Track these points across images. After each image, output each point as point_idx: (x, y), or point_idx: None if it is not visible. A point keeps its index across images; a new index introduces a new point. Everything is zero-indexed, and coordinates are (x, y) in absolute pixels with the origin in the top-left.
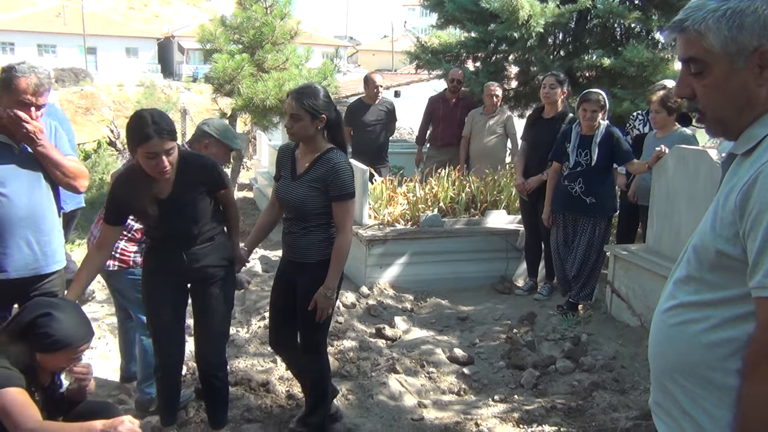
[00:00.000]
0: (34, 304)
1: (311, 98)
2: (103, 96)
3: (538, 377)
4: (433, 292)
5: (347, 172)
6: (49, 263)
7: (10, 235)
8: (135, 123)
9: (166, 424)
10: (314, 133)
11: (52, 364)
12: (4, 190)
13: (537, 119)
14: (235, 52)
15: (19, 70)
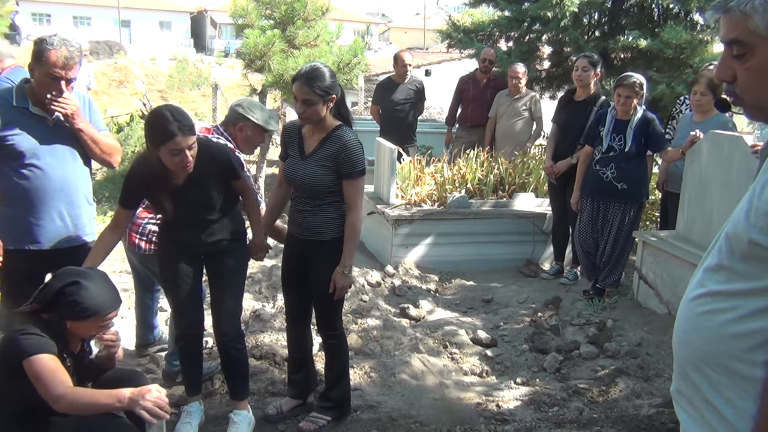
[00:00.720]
0: (63, 273)
1: (321, 80)
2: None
3: (562, 362)
4: (458, 274)
5: (358, 149)
6: (80, 236)
7: (43, 207)
8: (157, 121)
9: (191, 394)
10: (325, 114)
11: (81, 332)
12: (37, 162)
13: (569, 102)
14: (267, 28)
15: (50, 43)
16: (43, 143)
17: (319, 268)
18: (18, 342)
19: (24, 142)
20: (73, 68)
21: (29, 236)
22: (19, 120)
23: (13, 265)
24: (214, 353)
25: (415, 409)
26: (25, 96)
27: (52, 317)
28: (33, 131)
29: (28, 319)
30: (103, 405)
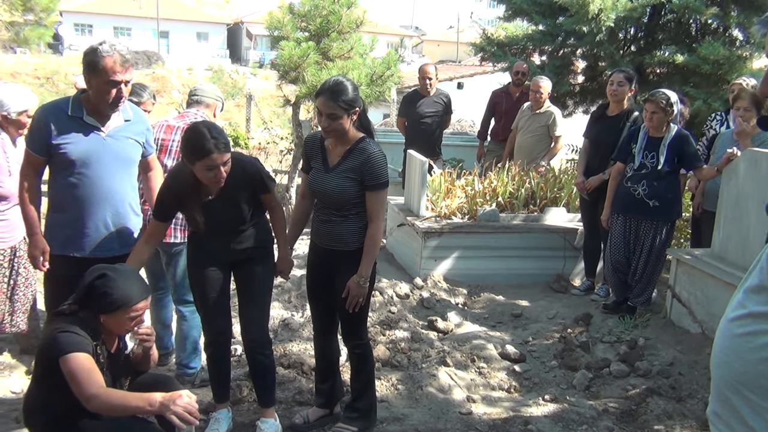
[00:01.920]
0: (92, 269)
1: (344, 94)
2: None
3: (591, 379)
4: (487, 287)
5: (382, 161)
6: (123, 245)
7: (89, 215)
8: (194, 138)
9: (219, 401)
10: (349, 127)
11: (114, 326)
12: (87, 171)
13: (601, 116)
14: (302, 40)
15: (103, 51)
16: (93, 153)
17: (344, 278)
18: (55, 340)
19: (75, 151)
20: (129, 69)
21: (74, 243)
22: (72, 129)
23: (58, 270)
24: (243, 361)
25: (442, 423)
26: (80, 106)
27: (86, 314)
28: (85, 141)
29: (67, 318)
30: (134, 407)
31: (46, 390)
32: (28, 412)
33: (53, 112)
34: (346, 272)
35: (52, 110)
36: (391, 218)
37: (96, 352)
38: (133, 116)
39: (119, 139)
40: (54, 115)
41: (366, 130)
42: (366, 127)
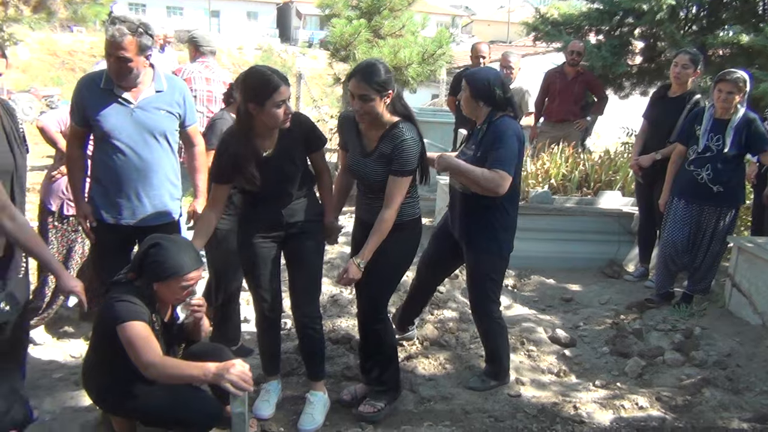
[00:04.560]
0: (147, 238)
1: (377, 75)
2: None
3: (644, 367)
4: (537, 270)
5: (412, 149)
6: (162, 215)
7: (122, 185)
8: (259, 77)
9: (269, 374)
10: (382, 110)
11: (167, 295)
12: (117, 142)
13: (662, 97)
14: (353, 18)
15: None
16: (122, 124)
17: (383, 252)
18: (113, 308)
19: (106, 123)
20: (120, 47)
21: (112, 211)
22: (103, 101)
23: (98, 236)
24: (292, 335)
25: (490, 404)
26: (111, 78)
27: (142, 283)
28: (114, 112)
29: (123, 287)
30: (189, 375)
31: (103, 356)
32: (87, 376)
33: (87, 84)
34: (390, 248)
35: (87, 83)
36: (440, 198)
37: (151, 320)
38: (167, 87)
39: (149, 110)
40: (88, 88)
41: (402, 115)
42: (401, 113)
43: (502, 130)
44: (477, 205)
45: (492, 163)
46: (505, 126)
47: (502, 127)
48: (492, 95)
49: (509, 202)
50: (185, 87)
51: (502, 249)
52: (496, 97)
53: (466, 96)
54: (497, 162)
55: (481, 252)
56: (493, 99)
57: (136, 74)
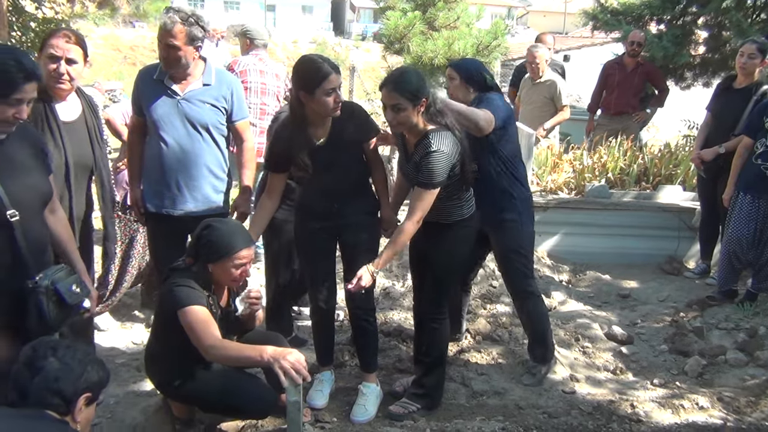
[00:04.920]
0: (202, 222)
1: (409, 84)
2: (278, 52)
3: (705, 366)
4: (593, 266)
5: (440, 162)
6: (206, 205)
7: (162, 174)
8: (310, 65)
9: (322, 364)
10: (417, 119)
11: (222, 276)
12: (162, 132)
13: (727, 89)
14: (408, 10)
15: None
16: (167, 114)
17: (439, 251)
18: (172, 294)
19: (154, 113)
20: (171, 35)
21: (155, 200)
22: (154, 91)
23: (150, 226)
24: (345, 326)
25: (543, 400)
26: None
27: (198, 267)
28: (161, 103)
29: (183, 272)
30: (247, 357)
31: (165, 342)
32: (149, 362)
33: (143, 76)
34: (441, 245)
35: (143, 74)
36: None
37: (209, 303)
38: (215, 81)
39: (194, 103)
40: (142, 79)
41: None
42: (438, 120)
43: (488, 96)
44: (491, 186)
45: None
46: (491, 96)
47: (488, 95)
48: (483, 80)
49: (518, 173)
50: (235, 83)
51: (522, 219)
52: (486, 81)
53: (456, 84)
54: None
55: (504, 226)
56: (483, 84)
57: (185, 64)
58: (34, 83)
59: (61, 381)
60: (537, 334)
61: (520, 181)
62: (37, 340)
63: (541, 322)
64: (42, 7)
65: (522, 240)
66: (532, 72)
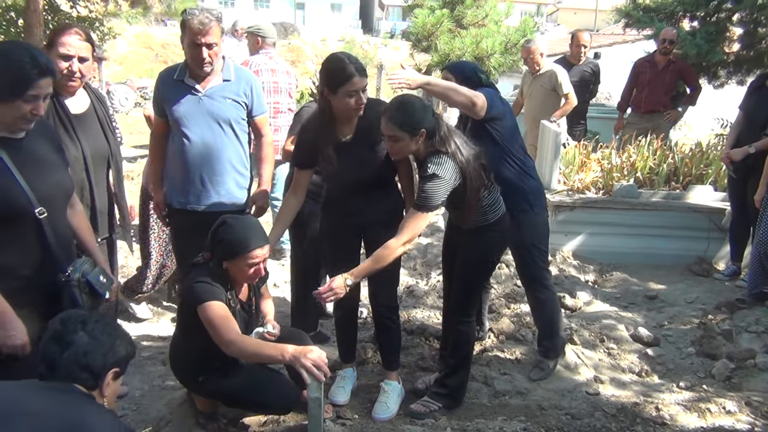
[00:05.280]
0: (219, 219)
1: (405, 116)
2: (307, 50)
3: (733, 370)
4: (620, 266)
5: (438, 187)
6: (228, 201)
7: (186, 171)
8: (335, 64)
9: (345, 361)
10: (416, 148)
11: (237, 273)
12: (186, 130)
13: (760, 87)
14: (436, 8)
15: (190, 13)
16: (190, 112)
17: (463, 254)
18: (192, 290)
19: (177, 111)
20: (209, 33)
21: (180, 196)
22: (175, 91)
23: (174, 222)
24: (368, 324)
25: (567, 401)
26: (185, 69)
27: (215, 263)
28: (183, 101)
29: (201, 268)
30: (267, 355)
31: (188, 336)
32: (173, 356)
33: (163, 77)
34: (467, 250)
35: (164, 75)
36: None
37: (227, 298)
38: (235, 76)
39: (216, 99)
40: (163, 80)
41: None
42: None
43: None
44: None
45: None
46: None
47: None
48: (479, 80)
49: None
50: (253, 78)
51: (535, 211)
52: (483, 81)
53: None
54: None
55: (517, 219)
56: (479, 83)
57: (218, 61)
58: (49, 78)
59: (90, 355)
60: (546, 326)
61: (528, 173)
62: (65, 313)
63: (551, 314)
64: (77, 6)
65: (536, 232)
66: (531, 66)
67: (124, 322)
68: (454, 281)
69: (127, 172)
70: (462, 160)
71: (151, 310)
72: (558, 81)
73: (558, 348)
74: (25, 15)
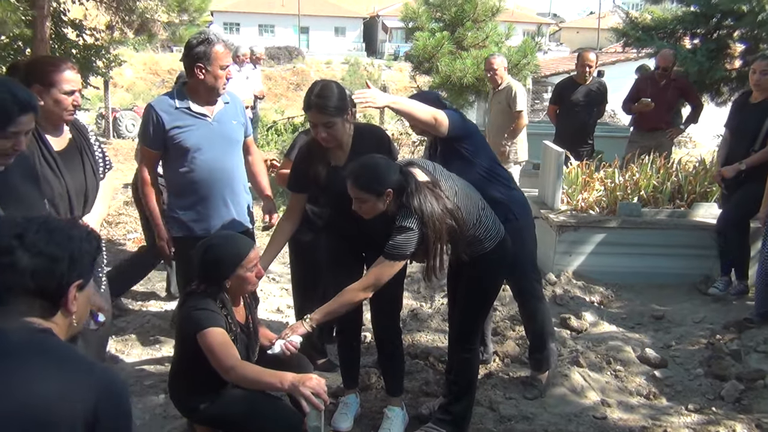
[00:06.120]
0: (196, 247)
1: (370, 178)
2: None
3: (743, 391)
4: (625, 286)
5: (409, 239)
6: (242, 222)
7: (211, 196)
8: (306, 92)
9: (348, 387)
10: (385, 207)
11: (242, 285)
12: (202, 156)
13: (744, 104)
14: (436, 30)
15: (214, 40)
16: (205, 138)
17: (463, 282)
18: (191, 318)
19: (190, 139)
20: (229, 57)
21: (199, 224)
22: (183, 119)
23: (186, 251)
24: (372, 348)
25: (573, 426)
26: (185, 97)
27: (212, 288)
28: (196, 128)
29: (198, 295)
30: (267, 383)
31: (186, 365)
32: (173, 385)
33: (162, 106)
34: (470, 278)
35: (161, 105)
36: None
37: (228, 323)
38: (231, 99)
39: (224, 123)
40: (163, 110)
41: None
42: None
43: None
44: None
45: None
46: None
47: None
48: (443, 105)
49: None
50: (240, 99)
51: (521, 223)
52: (447, 106)
53: None
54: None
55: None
56: (443, 107)
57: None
58: (31, 114)
59: (38, 275)
60: (537, 338)
61: (504, 184)
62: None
63: (542, 326)
64: (83, 35)
65: (524, 242)
66: (492, 81)
67: (120, 344)
68: (457, 309)
69: (127, 197)
70: (427, 216)
71: (152, 338)
72: (513, 97)
73: (549, 361)
74: (32, 45)
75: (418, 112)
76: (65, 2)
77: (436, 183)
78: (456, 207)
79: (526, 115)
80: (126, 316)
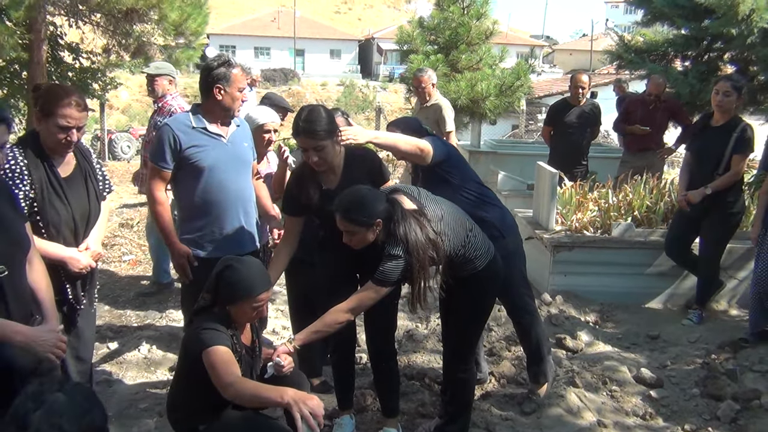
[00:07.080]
0: (220, 261)
1: (358, 210)
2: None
3: (738, 411)
4: (620, 306)
5: (397, 267)
6: (252, 241)
7: (224, 217)
8: (295, 116)
9: (342, 408)
10: (374, 237)
11: (239, 315)
12: (217, 176)
13: (705, 127)
14: (431, 53)
15: (232, 64)
16: (220, 159)
17: (455, 302)
18: (198, 338)
19: (206, 159)
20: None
21: (212, 245)
22: (199, 140)
23: (197, 273)
24: (367, 369)
25: None
26: (201, 118)
27: (220, 308)
28: (212, 149)
29: (205, 315)
30: (266, 398)
31: (187, 386)
32: (171, 407)
33: (178, 126)
34: (461, 298)
35: (177, 125)
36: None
37: (233, 342)
38: (241, 121)
39: (238, 144)
40: (180, 129)
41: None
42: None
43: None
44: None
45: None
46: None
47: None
48: (424, 131)
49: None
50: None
51: (508, 240)
52: (427, 131)
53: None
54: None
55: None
56: (424, 133)
57: None
58: (4, 126)
59: (65, 417)
60: (534, 352)
61: (489, 203)
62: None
63: (537, 339)
64: (79, 58)
65: (513, 259)
66: (421, 97)
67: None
68: (451, 329)
69: (127, 220)
70: (412, 244)
71: (146, 360)
72: (442, 116)
73: (547, 373)
74: (29, 68)
75: (401, 144)
76: (62, 26)
77: (421, 210)
78: (439, 234)
79: (454, 135)
80: (121, 339)
